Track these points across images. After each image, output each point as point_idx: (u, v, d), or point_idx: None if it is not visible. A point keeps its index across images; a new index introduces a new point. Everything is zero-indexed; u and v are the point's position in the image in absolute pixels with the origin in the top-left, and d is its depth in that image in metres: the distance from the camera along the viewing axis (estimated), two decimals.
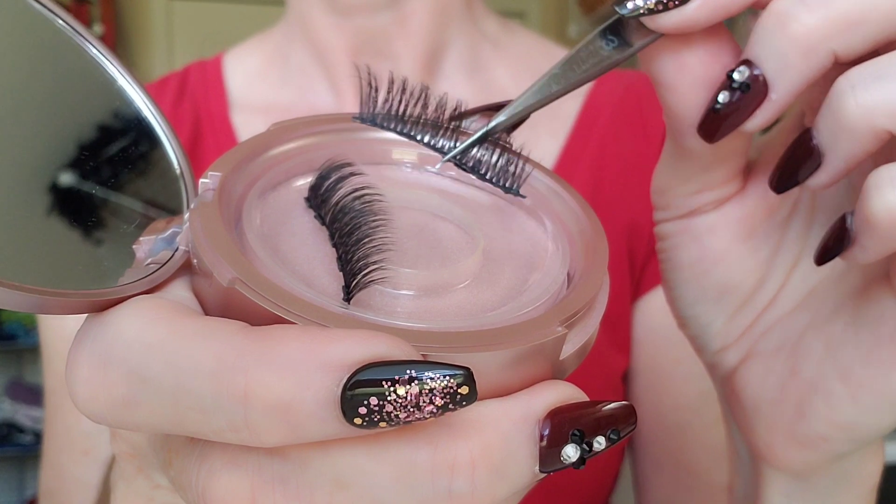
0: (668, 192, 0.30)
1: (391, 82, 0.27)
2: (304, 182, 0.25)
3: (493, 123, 0.26)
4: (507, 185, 0.26)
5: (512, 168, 0.27)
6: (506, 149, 0.27)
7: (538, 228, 0.26)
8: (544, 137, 0.59)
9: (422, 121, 0.27)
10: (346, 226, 0.22)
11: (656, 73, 0.26)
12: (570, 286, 0.23)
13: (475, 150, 0.27)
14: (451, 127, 0.27)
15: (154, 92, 0.62)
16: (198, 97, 0.61)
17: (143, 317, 0.19)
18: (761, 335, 0.31)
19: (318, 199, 0.24)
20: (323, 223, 0.24)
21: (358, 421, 0.17)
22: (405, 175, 0.27)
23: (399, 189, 0.26)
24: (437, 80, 0.60)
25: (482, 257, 0.24)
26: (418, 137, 0.27)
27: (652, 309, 0.57)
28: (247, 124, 0.60)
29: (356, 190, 0.23)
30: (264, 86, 0.62)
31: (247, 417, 0.17)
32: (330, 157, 0.25)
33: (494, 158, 0.27)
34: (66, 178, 0.24)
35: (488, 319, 0.21)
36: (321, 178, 0.24)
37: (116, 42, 2.42)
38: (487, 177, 0.27)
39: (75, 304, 0.20)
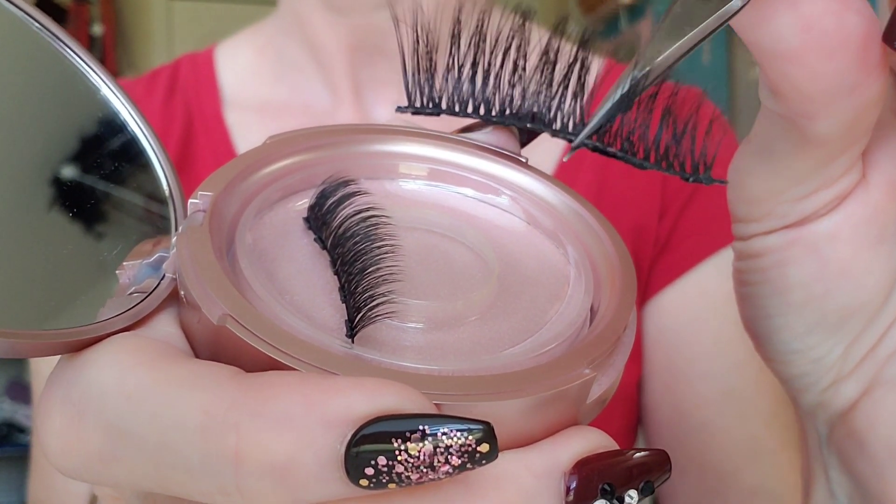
0: (772, 199, 0.24)
1: (455, 32, 0.20)
2: (303, 201, 0.23)
3: (631, 83, 0.19)
4: (688, 168, 0.20)
5: (689, 144, 0.20)
6: (669, 115, 0.20)
7: (557, 252, 0.24)
8: (544, 136, 0.57)
9: (516, 90, 0.21)
10: (350, 252, 0.20)
11: (771, 41, 0.20)
12: (595, 320, 0.21)
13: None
14: (574, 90, 0.20)
15: (144, 86, 0.60)
16: (189, 93, 0.59)
17: (123, 360, 0.17)
18: (888, 359, 0.25)
19: (318, 220, 0.22)
20: (324, 247, 0.22)
21: (364, 482, 0.15)
22: (413, 191, 0.25)
23: (406, 207, 0.24)
24: None
25: (497, 285, 0.22)
26: (521, 114, 0.20)
27: (661, 310, 0.56)
28: (240, 123, 0.58)
29: (360, 211, 0.21)
30: (258, 82, 0.60)
31: (238, 480, 0.15)
32: (331, 173, 0.23)
33: (654, 134, 0.20)
34: (43, 198, 0.22)
35: (507, 359, 0.19)
36: (322, 197, 0.22)
37: (116, 42, 2.41)
38: (652, 160, 0.20)
39: (48, 345, 0.18)
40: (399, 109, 0.21)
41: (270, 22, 0.61)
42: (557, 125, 0.21)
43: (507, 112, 0.21)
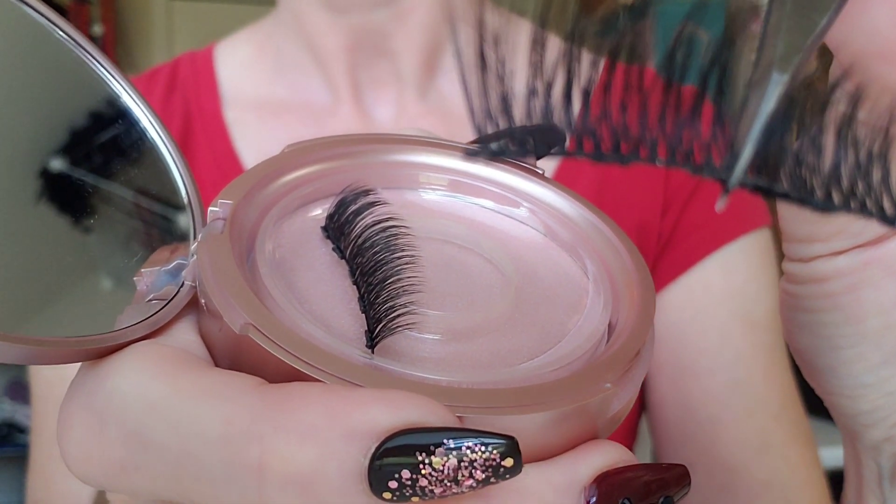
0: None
1: (539, 37, 0.15)
2: (321, 210, 0.23)
3: (780, 90, 0.14)
4: (888, 208, 0.15)
5: (882, 173, 0.15)
6: (846, 135, 0.15)
7: (574, 265, 0.24)
8: None
9: (627, 115, 0.16)
10: (370, 262, 0.20)
11: (863, 38, 0.17)
12: (615, 334, 0.21)
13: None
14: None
15: (143, 85, 0.60)
16: (188, 91, 0.59)
17: (145, 370, 0.17)
18: None
19: (337, 229, 0.22)
20: (342, 256, 0.22)
21: (387, 495, 0.15)
22: (432, 202, 0.25)
23: (424, 218, 0.23)
24: (438, 76, 0.58)
25: (515, 297, 0.22)
26: (644, 147, 0.16)
27: (666, 306, 0.55)
28: (240, 121, 0.58)
29: (380, 221, 0.21)
30: (257, 80, 0.60)
31: (261, 492, 0.15)
32: (350, 182, 0.23)
33: (832, 163, 0.15)
34: (59, 203, 0.22)
35: (527, 372, 0.19)
36: (341, 206, 0.22)
37: (116, 42, 2.40)
38: (837, 201, 0.15)
39: (69, 353, 0.18)
40: (470, 154, 0.17)
41: (270, 21, 0.61)
42: (700, 161, 0.16)
43: (627, 149, 0.16)
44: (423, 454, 0.15)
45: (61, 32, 0.22)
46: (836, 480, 0.52)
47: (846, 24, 0.17)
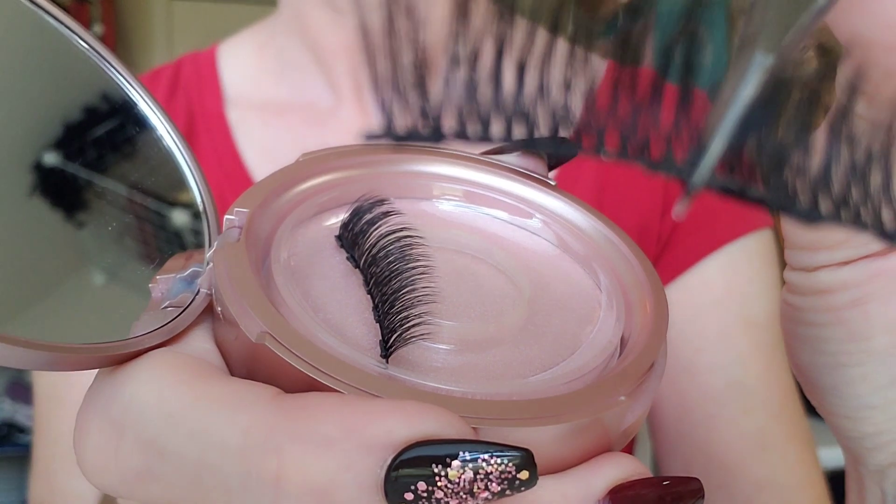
0: None
1: (462, 9, 0.13)
2: (335, 220, 0.23)
3: (761, 75, 0.12)
4: (887, 224, 0.13)
5: (883, 179, 0.12)
6: (840, 133, 0.12)
7: (587, 277, 0.24)
8: None
9: (572, 99, 0.13)
10: (384, 272, 0.20)
11: (876, 28, 0.14)
12: (628, 347, 0.21)
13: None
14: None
15: (146, 85, 0.60)
16: (191, 91, 0.59)
17: (163, 378, 0.17)
18: None
19: (351, 238, 0.22)
20: (356, 266, 0.22)
21: None
22: (444, 212, 0.25)
23: (437, 228, 0.24)
24: None
25: (528, 308, 0.22)
26: (590, 137, 0.13)
27: None
28: (242, 121, 0.58)
29: (394, 231, 0.21)
30: (260, 81, 0.60)
31: (278, 502, 0.15)
32: (364, 192, 0.23)
33: (822, 166, 0.12)
34: (74, 209, 0.22)
35: (541, 384, 0.19)
36: (355, 216, 0.22)
37: (116, 42, 2.40)
38: (828, 209, 0.12)
39: (87, 359, 0.18)
40: (369, 137, 0.15)
41: (272, 21, 0.61)
42: (657, 155, 0.13)
43: (582, 137, 0.13)
44: (440, 466, 0.15)
45: (80, 40, 0.22)
46: (835, 480, 0.52)
47: (858, 14, 0.15)
